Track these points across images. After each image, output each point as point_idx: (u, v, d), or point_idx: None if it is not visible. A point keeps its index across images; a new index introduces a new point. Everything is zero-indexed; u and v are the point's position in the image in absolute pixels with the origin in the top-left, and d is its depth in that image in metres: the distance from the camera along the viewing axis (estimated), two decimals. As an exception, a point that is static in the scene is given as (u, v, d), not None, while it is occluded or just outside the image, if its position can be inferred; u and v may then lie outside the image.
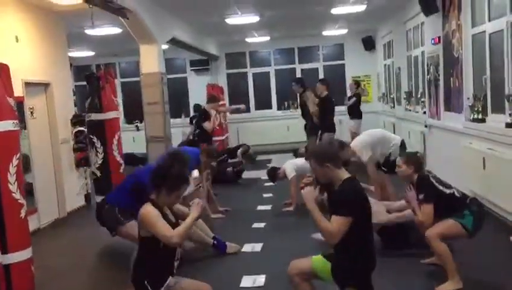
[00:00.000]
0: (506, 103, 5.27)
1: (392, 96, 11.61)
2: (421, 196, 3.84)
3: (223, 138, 11.99)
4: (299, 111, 10.83)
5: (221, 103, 12.85)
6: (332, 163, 2.95)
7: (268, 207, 6.95)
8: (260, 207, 6.97)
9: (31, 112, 6.59)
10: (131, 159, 9.78)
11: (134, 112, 12.89)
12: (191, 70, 13.77)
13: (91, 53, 12.40)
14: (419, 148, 8.75)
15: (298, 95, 9.50)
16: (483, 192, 5.75)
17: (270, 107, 14.11)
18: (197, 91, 13.26)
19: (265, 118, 13.83)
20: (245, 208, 6.97)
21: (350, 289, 2.96)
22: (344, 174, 3.00)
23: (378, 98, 13.32)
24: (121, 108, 13.57)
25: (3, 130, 3.20)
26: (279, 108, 14.04)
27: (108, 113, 5.33)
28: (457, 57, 6.73)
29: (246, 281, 4.22)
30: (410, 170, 3.97)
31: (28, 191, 5.28)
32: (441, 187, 3.89)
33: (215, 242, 4.91)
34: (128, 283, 3.14)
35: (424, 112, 8.58)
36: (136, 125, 13.08)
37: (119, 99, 13.37)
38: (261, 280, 4.21)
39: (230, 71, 14.12)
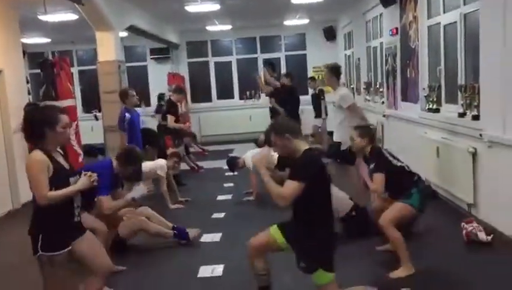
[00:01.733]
0: (459, 94, 5.41)
1: (352, 86, 11.74)
2: (372, 166, 4.01)
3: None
4: (261, 100, 10.90)
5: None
6: (292, 134, 3.01)
7: (228, 197, 6.94)
8: (220, 197, 6.95)
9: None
10: (89, 149, 9.59)
11: (92, 101, 12.59)
12: (151, 58, 13.53)
13: (47, 40, 12.00)
14: (378, 138, 8.91)
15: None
16: (437, 180, 5.91)
17: (232, 96, 14.05)
18: (158, 80, 13.08)
19: (227, 107, 13.76)
20: (205, 198, 6.94)
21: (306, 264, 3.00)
22: (304, 145, 3.04)
23: (339, 88, 13.43)
24: (78, 97, 13.28)
25: None
26: (241, 98, 13.99)
27: (64, 101, 5.18)
28: (414, 48, 6.85)
29: (204, 271, 4.20)
30: (364, 142, 4.13)
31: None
32: (391, 158, 4.05)
33: (175, 232, 4.87)
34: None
35: (383, 102, 8.73)
36: (95, 115, 12.78)
37: (77, 88, 13.12)
38: (219, 269, 4.20)
39: (192, 60, 13.97)
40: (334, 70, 6.00)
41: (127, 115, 5.50)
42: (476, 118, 4.95)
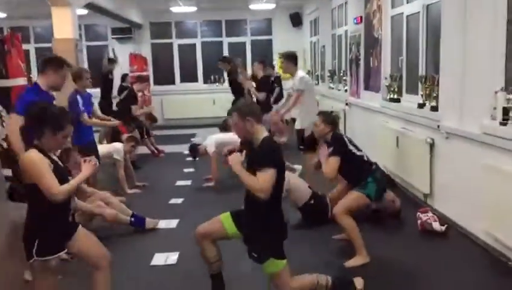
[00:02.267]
0: (419, 84, 5.45)
1: (316, 73, 11.74)
2: (329, 150, 4.01)
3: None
4: (226, 85, 10.76)
5: (144, 74, 12.52)
6: (254, 117, 2.96)
7: (188, 182, 6.83)
8: (179, 182, 6.84)
9: None
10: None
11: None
12: (113, 38, 13.12)
13: (2, 15, 11.49)
14: (340, 126, 8.94)
15: (226, 73, 9.52)
16: (396, 169, 5.97)
17: (196, 80, 13.82)
18: (120, 60, 12.71)
19: (191, 91, 13.54)
20: (163, 183, 6.81)
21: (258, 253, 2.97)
22: (263, 132, 3.01)
23: (304, 75, 13.42)
24: (34, 75, 12.80)
25: None
26: (205, 82, 13.79)
27: (16, 80, 4.90)
28: (377, 38, 6.86)
29: (158, 258, 4.11)
30: (327, 129, 4.14)
31: None
32: (351, 147, 4.05)
33: (132, 219, 4.76)
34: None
35: (346, 90, 8.75)
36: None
37: (33, 66, 12.66)
38: (173, 257, 4.12)
39: (155, 41, 13.64)
40: (290, 58, 6.02)
41: (79, 97, 5.26)
42: (434, 109, 4.99)
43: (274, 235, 2.96)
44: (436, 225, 4.41)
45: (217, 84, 13.52)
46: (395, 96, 6.19)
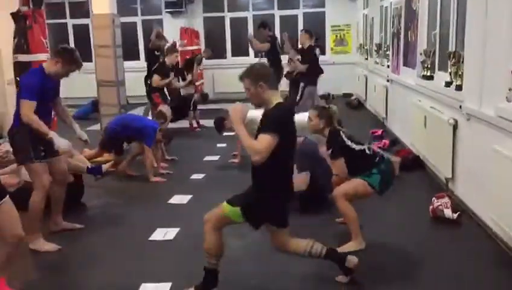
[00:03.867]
0: (449, 61, 5.08)
1: (366, 47, 11.30)
2: (329, 152, 3.80)
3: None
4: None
5: (195, 48, 12.65)
6: (267, 83, 2.87)
7: (215, 158, 6.84)
8: (207, 157, 6.87)
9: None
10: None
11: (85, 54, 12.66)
12: (166, 12, 13.31)
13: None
14: (382, 104, 8.60)
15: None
16: (423, 151, 5.67)
17: (247, 54, 13.75)
18: (172, 35, 12.87)
19: (242, 65, 13.29)
20: (192, 158, 6.87)
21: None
22: (277, 97, 2.92)
23: (357, 49, 13.00)
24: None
25: None
26: (256, 55, 13.64)
27: (37, 55, 5.11)
28: (415, 11, 6.45)
29: (157, 234, 4.16)
30: (322, 124, 3.84)
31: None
32: (350, 143, 3.77)
33: (88, 166, 5.08)
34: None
35: (388, 66, 8.36)
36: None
37: (71, 41, 13.13)
38: (172, 233, 4.15)
39: (207, 15, 13.69)
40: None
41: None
42: (459, 88, 4.65)
43: (274, 204, 2.92)
44: (448, 212, 4.15)
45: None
46: (428, 74, 5.83)
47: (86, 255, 3.86)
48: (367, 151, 3.79)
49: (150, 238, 4.09)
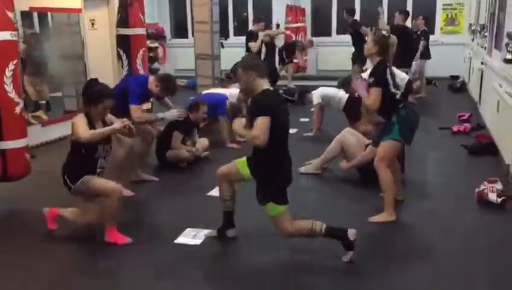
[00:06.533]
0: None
1: (473, 28, 10.76)
2: (371, 79, 3.84)
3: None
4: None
5: (300, 25, 12.97)
6: (256, 72, 3.22)
7: (293, 131, 7.06)
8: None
9: (92, 23, 7.39)
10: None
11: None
12: (274, -12, 13.68)
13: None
14: (477, 88, 8.30)
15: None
16: (495, 136, 5.55)
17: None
18: (281, 12, 13.24)
19: (347, 43, 13.51)
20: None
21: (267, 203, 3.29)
22: (265, 85, 3.25)
23: (468, 29, 12.35)
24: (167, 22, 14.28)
25: (1, 40, 3.91)
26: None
27: (135, 29, 5.86)
28: (509, -11, 6.16)
29: (185, 236, 3.74)
30: (374, 50, 3.90)
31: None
32: (390, 81, 3.85)
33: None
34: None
35: (485, 48, 8.01)
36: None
37: (168, 15, 14.10)
38: (201, 235, 3.73)
39: (315, -8, 13.85)
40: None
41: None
42: (529, 73, 4.52)
43: (274, 181, 3.26)
44: (493, 196, 4.15)
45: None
46: (510, 57, 5.61)
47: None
48: (397, 96, 3.91)
49: (176, 241, 3.96)
